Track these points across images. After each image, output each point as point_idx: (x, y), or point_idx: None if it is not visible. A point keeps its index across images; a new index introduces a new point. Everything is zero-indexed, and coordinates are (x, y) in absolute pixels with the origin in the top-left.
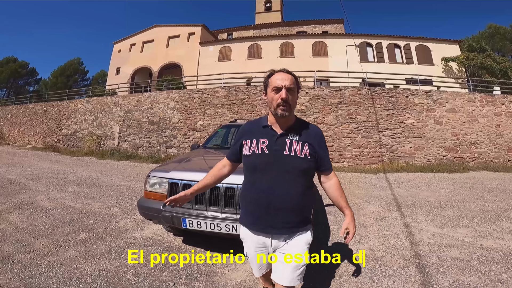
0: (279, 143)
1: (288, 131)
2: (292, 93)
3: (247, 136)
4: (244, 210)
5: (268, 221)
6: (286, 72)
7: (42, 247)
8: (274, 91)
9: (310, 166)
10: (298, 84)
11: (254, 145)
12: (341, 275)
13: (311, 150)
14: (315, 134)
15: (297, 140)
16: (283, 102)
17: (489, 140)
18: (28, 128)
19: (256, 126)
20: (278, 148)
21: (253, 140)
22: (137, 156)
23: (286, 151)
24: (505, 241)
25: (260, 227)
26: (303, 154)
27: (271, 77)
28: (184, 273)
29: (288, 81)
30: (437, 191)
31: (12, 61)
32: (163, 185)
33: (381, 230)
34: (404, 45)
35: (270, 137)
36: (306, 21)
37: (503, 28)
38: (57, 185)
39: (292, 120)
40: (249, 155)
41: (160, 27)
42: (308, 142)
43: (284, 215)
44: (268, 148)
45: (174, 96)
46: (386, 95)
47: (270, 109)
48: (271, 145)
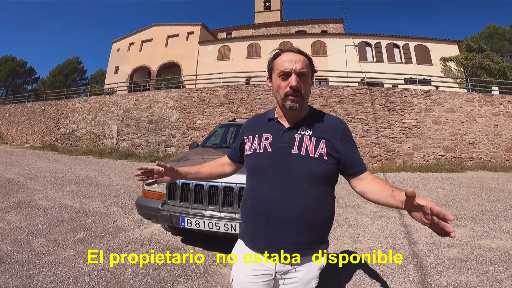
0: (286, 139)
1: (298, 124)
2: (304, 80)
3: (249, 131)
4: (243, 222)
5: (268, 240)
6: (297, 52)
7: (40, 247)
8: (281, 77)
9: (327, 169)
10: (312, 67)
11: (256, 142)
12: (340, 274)
13: (330, 148)
14: (336, 127)
15: (310, 136)
16: (293, 92)
17: (487, 140)
18: (26, 127)
19: (261, 119)
20: (284, 146)
21: (256, 136)
22: (135, 155)
23: (294, 149)
24: (503, 241)
25: (259, 245)
26: (318, 153)
27: (277, 59)
28: (182, 273)
29: (300, 63)
30: (435, 190)
31: (10, 60)
32: (161, 184)
33: (379, 229)
34: (403, 45)
35: (275, 132)
36: (305, 20)
37: (502, 28)
38: (55, 184)
39: (305, 111)
40: (250, 154)
41: (159, 26)
42: (325, 138)
43: (288, 233)
44: (271, 146)
45: (173, 95)
46: (385, 95)
47: (276, 99)
48: (275, 141)
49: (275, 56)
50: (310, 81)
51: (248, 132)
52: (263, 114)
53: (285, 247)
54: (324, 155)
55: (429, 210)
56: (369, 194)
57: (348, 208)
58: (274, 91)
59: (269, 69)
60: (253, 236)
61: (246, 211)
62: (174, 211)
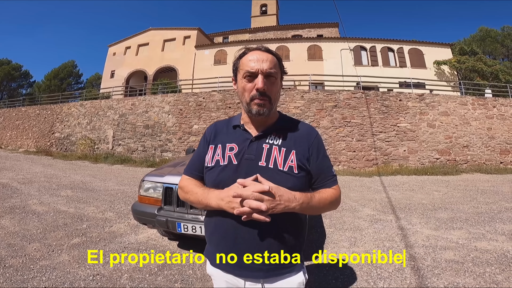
0: (253, 149)
1: (267, 132)
2: (272, 81)
3: (211, 139)
4: (208, 241)
5: (238, 263)
6: (265, 50)
7: (34, 251)
8: (247, 78)
9: (297, 184)
10: (282, 68)
11: (219, 153)
12: (337, 278)
13: (301, 160)
14: (307, 136)
15: (280, 146)
16: (259, 95)
17: (481, 142)
18: (21, 132)
19: (224, 126)
20: (251, 157)
21: (218, 145)
22: (131, 160)
23: (262, 161)
24: (499, 243)
25: (227, 266)
26: (287, 166)
27: (242, 58)
28: (179, 278)
29: (267, 63)
30: (431, 193)
31: (6, 63)
32: (157, 189)
33: (376, 232)
34: (397, 49)
35: (241, 141)
36: (301, 24)
37: (494, 31)
38: (49, 189)
39: (274, 117)
40: (211, 167)
41: (155, 30)
42: (295, 149)
43: (257, 251)
44: (236, 157)
45: (169, 100)
46: (380, 99)
47: (241, 103)
48: (241, 152)
49: (241, 55)
50: (279, 83)
51: (210, 140)
52: (227, 120)
53: (256, 266)
54: (294, 168)
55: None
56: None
57: (344, 212)
58: (239, 94)
59: (234, 70)
60: (220, 259)
61: (211, 228)
62: (170, 217)
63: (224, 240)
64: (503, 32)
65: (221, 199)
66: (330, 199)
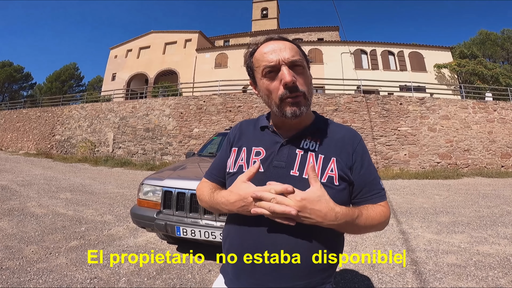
0: (284, 155)
1: (301, 136)
2: (300, 71)
3: (235, 141)
4: (226, 258)
5: (259, 284)
6: (279, 38)
7: (31, 254)
8: (268, 76)
9: (338, 198)
10: (305, 55)
11: (243, 157)
12: (337, 282)
13: (342, 169)
14: (350, 140)
15: (317, 152)
16: (290, 91)
17: (482, 146)
18: (21, 134)
19: (251, 126)
20: (281, 165)
21: (242, 149)
22: (131, 163)
23: (294, 170)
24: (501, 246)
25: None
26: (326, 176)
27: (255, 54)
28: (178, 282)
29: (287, 50)
30: (432, 197)
31: (8, 65)
32: (156, 193)
33: (377, 236)
34: (397, 52)
35: (270, 145)
36: (302, 28)
37: (494, 34)
38: (48, 191)
39: (310, 117)
40: (233, 173)
41: (157, 33)
42: (336, 156)
43: (286, 278)
44: (264, 164)
45: (170, 103)
46: (380, 103)
47: (271, 108)
48: (269, 158)
49: (252, 52)
50: (308, 73)
51: (234, 142)
52: (255, 119)
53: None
54: (335, 179)
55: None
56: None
57: None
58: (264, 98)
59: (249, 71)
60: (238, 277)
61: (227, 245)
62: (169, 220)
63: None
64: (503, 35)
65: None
66: (379, 219)
